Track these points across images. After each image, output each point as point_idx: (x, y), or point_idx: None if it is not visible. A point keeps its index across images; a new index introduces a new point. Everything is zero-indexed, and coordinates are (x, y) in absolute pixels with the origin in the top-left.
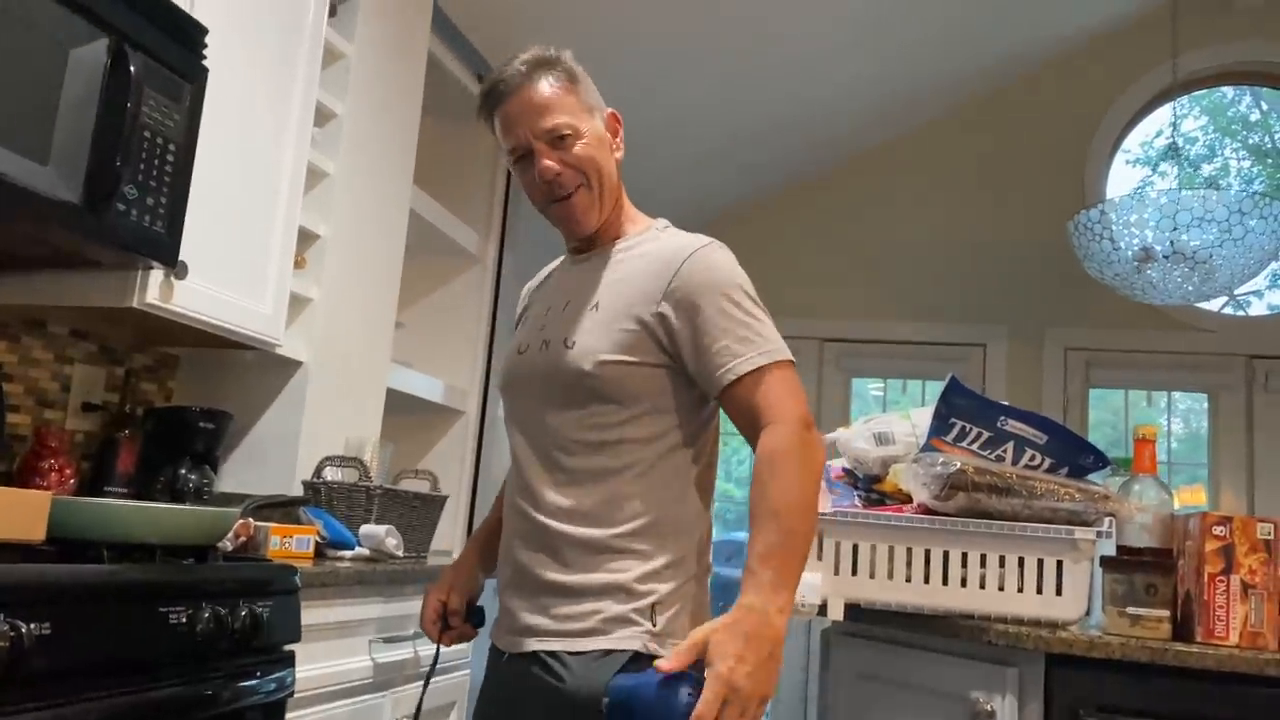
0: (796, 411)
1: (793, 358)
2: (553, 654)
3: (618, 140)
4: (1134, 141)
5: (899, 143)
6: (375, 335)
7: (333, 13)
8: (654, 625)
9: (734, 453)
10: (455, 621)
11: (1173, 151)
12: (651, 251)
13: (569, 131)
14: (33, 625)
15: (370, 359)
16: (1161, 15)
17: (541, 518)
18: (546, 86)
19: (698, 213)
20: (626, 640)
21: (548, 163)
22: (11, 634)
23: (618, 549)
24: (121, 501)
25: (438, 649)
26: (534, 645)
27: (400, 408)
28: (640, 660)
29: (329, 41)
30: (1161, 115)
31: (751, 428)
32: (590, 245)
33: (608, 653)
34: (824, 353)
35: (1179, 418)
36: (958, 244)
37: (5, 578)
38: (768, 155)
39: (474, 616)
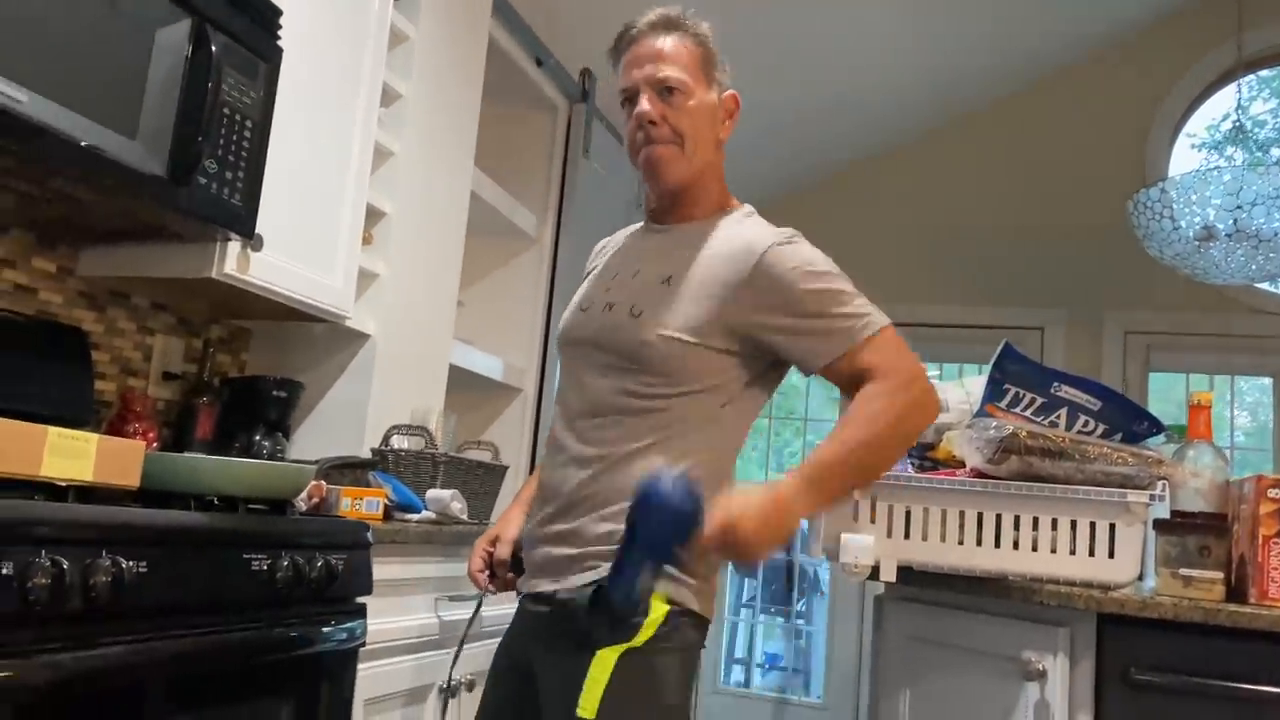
0: (906, 366)
1: (890, 322)
2: (552, 594)
3: (729, 122)
4: (1198, 125)
5: (954, 125)
6: (438, 311)
7: None
8: None
9: (785, 444)
10: (501, 570)
11: (1239, 133)
12: (733, 236)
13: (678, 86)
14: (132, 563)
15: (434, 334)
16: None
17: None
18: (672, 41)
19: (744, 198)
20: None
21: (647, 106)
22: (114, 570)
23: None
24: (205, 456)
25: (480, 600)
26: (540, 586)
27: (462, 384)
28: None
29: (394, 24)
30: (1227, 98)
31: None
32: (670, 215)
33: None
34: None
35: (1245, 410)
36: (1014, 227)
37: (110, 518)
38: (819, 140)
39: (519, 567)
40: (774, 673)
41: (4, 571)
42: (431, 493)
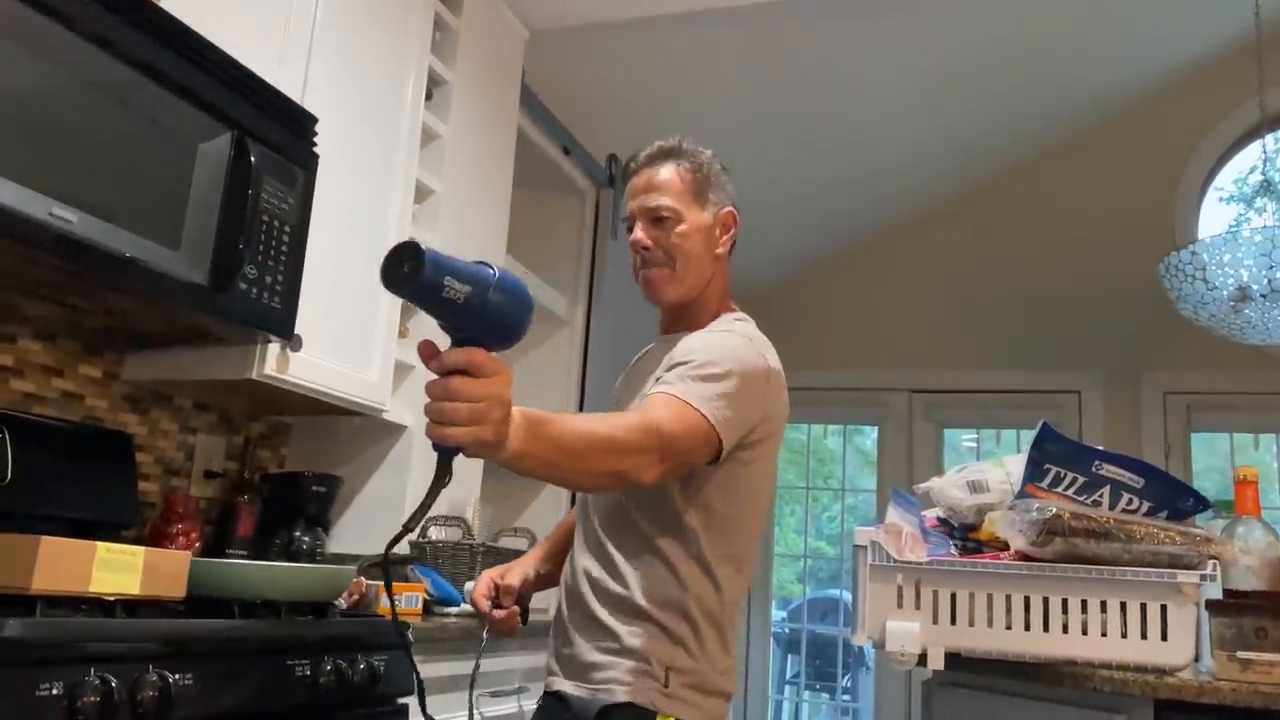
0: (660, 422)
1: (722, 435)
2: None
3: (726, 237)
4: (1227, 179)
5: (983, 191)
6: None
7: (429, 96)
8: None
9: (824, 509)
10: (507, 601)
11: (1266, 188)
12: (699, 335)
13: (668, 215)
14: (178, 676)
15: None
16: (1245, 51)
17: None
18: (666, 171)
19: (780, 268)
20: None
21: (639, 235)
22: (160, 684)
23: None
24: (250, 562)
25: (484, 632)
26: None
27: (495, 470)
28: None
29: (426, 124)
30: (1255, 150)
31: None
32: (675, 325)
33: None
34: (914, 404)
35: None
36: (1047, 290)
37: (157, 632)
38: (849, 211)
39: (524, 604)
40: None
41: (54, 692)
42: (470, 585)
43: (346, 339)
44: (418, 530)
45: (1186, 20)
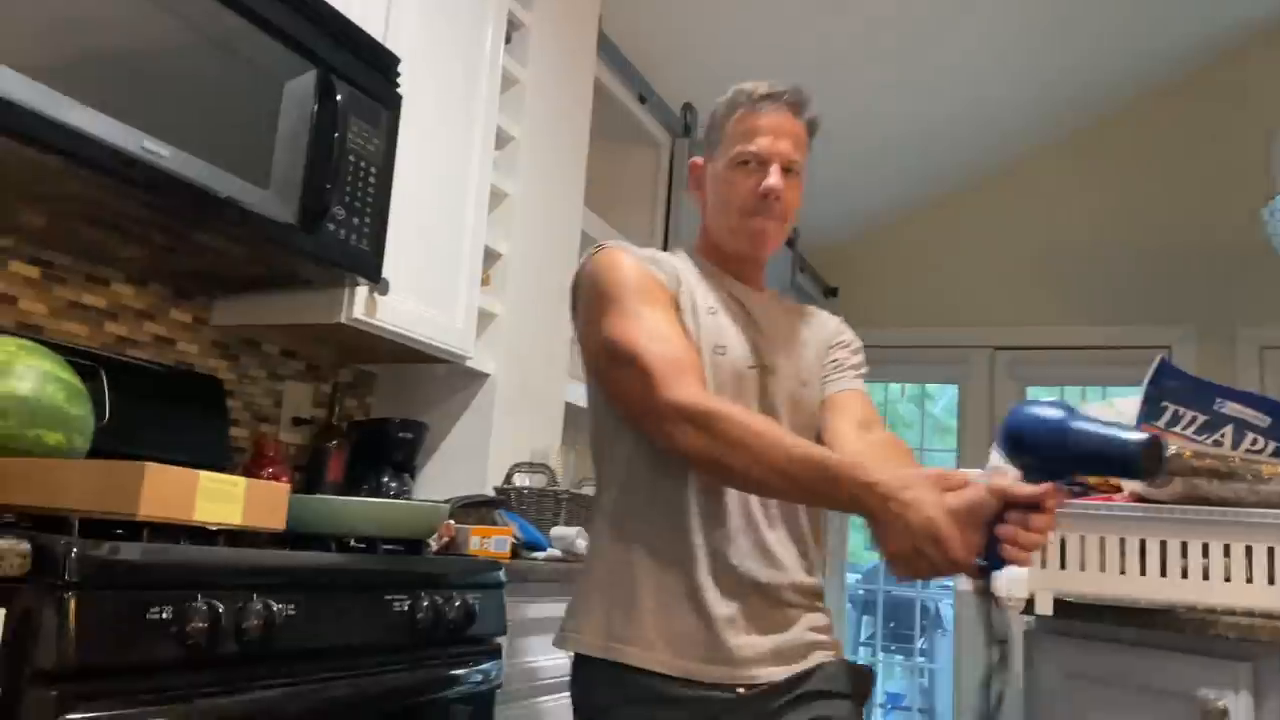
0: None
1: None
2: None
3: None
4: None
5: (1071, 139)
6: (554, 350)
7: (508, 40)
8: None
9: None
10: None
11: None
12: (810, 313)
13: (800, 171)
14: (281, 606)
15: (550, 373)
16: None
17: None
18: (807, 126)
19: (859, 220)
20: None
21: (777, 181)
22: (265, 613)
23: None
24: (346, 498)
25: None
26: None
27: (578, 422)
28: None
29: (505, 68)
30: None
31: (853, 417)
32: (754, 279)
33: None
34: (996, 361)
35: None
36: (1136, 241)
37: (260, 562)
38: (941, 156)
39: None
40: (896, 713)
41: (164, 615)
42: (556, 530)
43: (432, 285)
44: (503, 475)
45: None
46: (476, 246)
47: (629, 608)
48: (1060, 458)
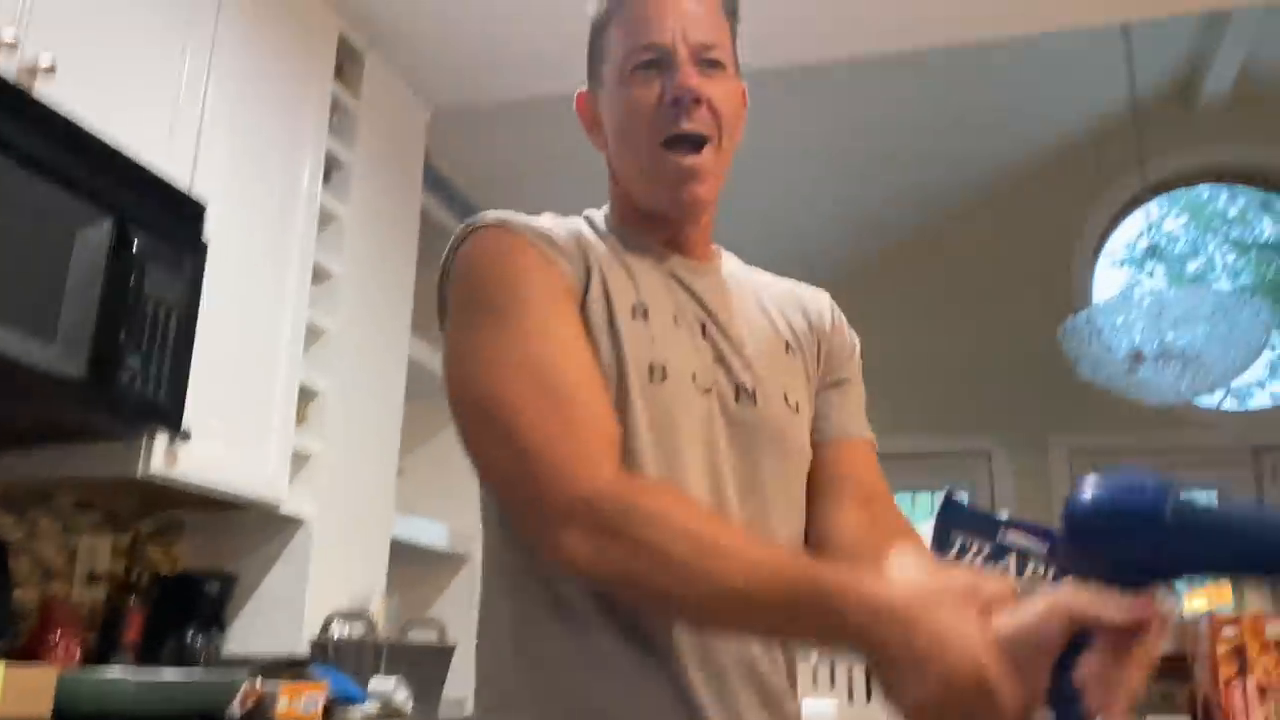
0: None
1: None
2: None
3: (741, 120)
4: (1119, 242)
5: (885, 261)
6: (377, 486)
7: (327, 178)
8: None
9: None
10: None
11: (1153, 253)
12: (791, 290)
13: (723, 60)
14: None
15: (373, 510)
16: (1126, 121)
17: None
18: (721, 2)
19: None
20: None
21: (694, 81)
22: None
23: None
24: (126, 676)
25: None
26: None
27: (404, 558)
28: None
29: (325, 205)
30: (1143, 217)
31: (858, 490)
32: (687, 241)
33: None
34: None
35: None
36: (955, 354)
37: None
38: None
39: None
40: None
41: None
42: (375, 682)
43: (241, 428)
44: (320, 625)
45: (1069, 97)
46: (291, 386)
47: None
48: (1188, 553)
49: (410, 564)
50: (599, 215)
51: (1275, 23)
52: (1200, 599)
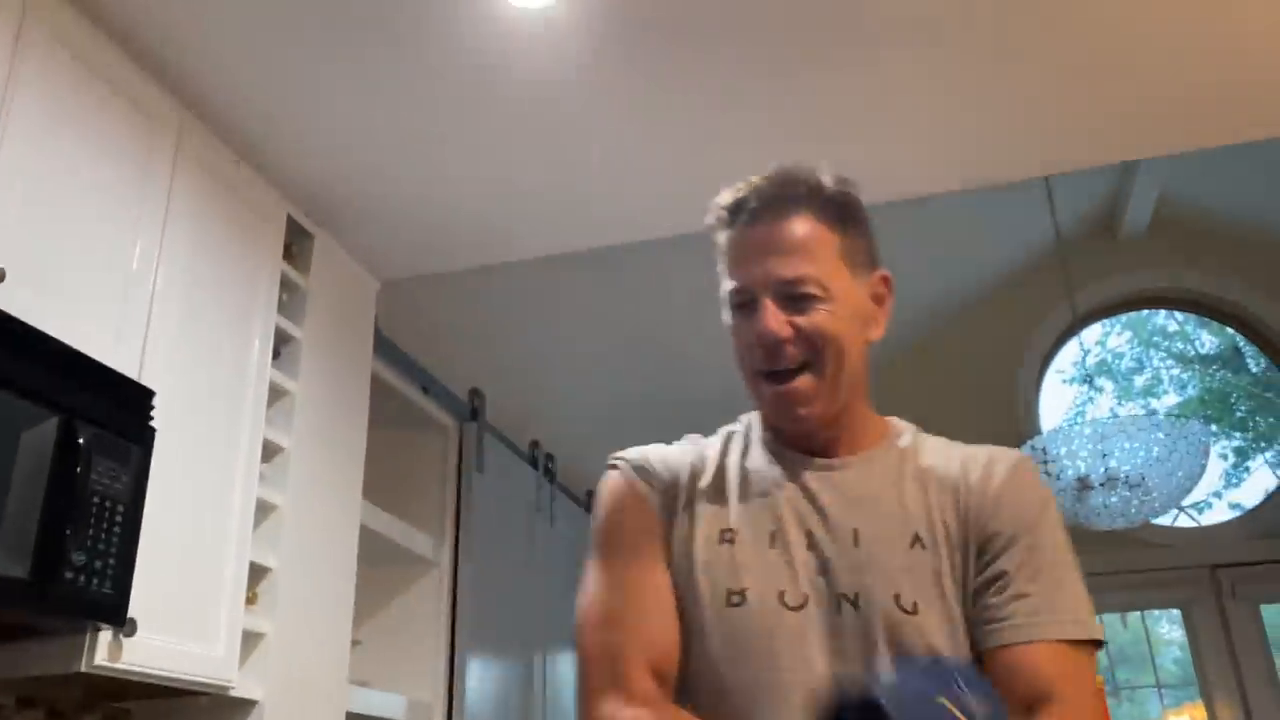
0: (1091, 706)
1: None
2: None
3: (881, 311)
4: (1066, 361)
5: None
6: (331, 661)
7: (277, 355)
8: None
9: None
10: None
11: (1089, 380)
12: (962, 468)
13: (814, 290)
14: None
15: (328, 686)
16: (1053, 256)
17: None
18: (804, 223)
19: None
20: None
21: (771, 324)
22: None
23: None
24: None
25: None
26: None
27: None
28: None
29: (274, 381)
30: (1089, 335)
31: (1029, 695)
32: (823, 443)
33: None
34: None
35: (1175, 624)
36: None
37: None
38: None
39: None
40: None
41: None
42: None
43: (188, 614)
44: None
45: (998, 238)
46: (241, 566)
47: None
48: None
49: None
50: (756, 421)
51: (1185, 161)
52: (1182, 717)
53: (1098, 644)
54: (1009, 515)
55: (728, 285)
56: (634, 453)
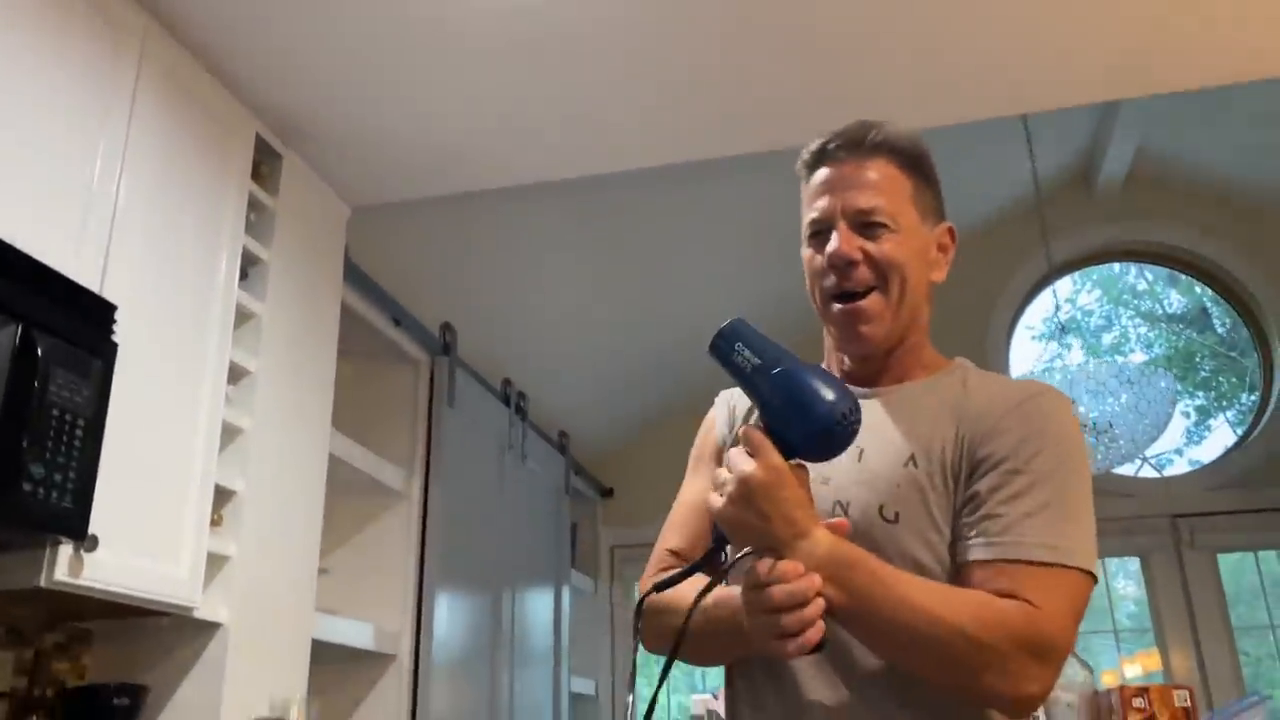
0: (1062, 623)
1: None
2: None
3: (945, 259)
4: (1035, 317)
5: (804, 346)
6: (297, 587)
7: (244, 276)
8: None
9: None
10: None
11: (1061, 331)
12: (986, 398)
13: (884, 220)
14: None
15: (293, 612)
16: (1030, 205)
17: None
18: (881, 165)
19: (622, 429)
20: None
21: (844, 247)
22: None
23: None
24: None
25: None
26: None
27: (328, 659)
28: None
29: (241, 303)
30: (1059, 289)
31: None
32: (874, 378)
33: None
34: None
35: (1130, 580)
36: None
37: None
38: (688, 368)
39: None
40: None
41: None
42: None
43: (151, 532)
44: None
45: (975, 184)
46: (206, 487)
47: None
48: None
49: (334, 664)
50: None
51: (1163, 110)
52: (1135, 665)
53: (1089, 577)
54: (1001, 442)
55: (807, 218)
56: (724, 392)
